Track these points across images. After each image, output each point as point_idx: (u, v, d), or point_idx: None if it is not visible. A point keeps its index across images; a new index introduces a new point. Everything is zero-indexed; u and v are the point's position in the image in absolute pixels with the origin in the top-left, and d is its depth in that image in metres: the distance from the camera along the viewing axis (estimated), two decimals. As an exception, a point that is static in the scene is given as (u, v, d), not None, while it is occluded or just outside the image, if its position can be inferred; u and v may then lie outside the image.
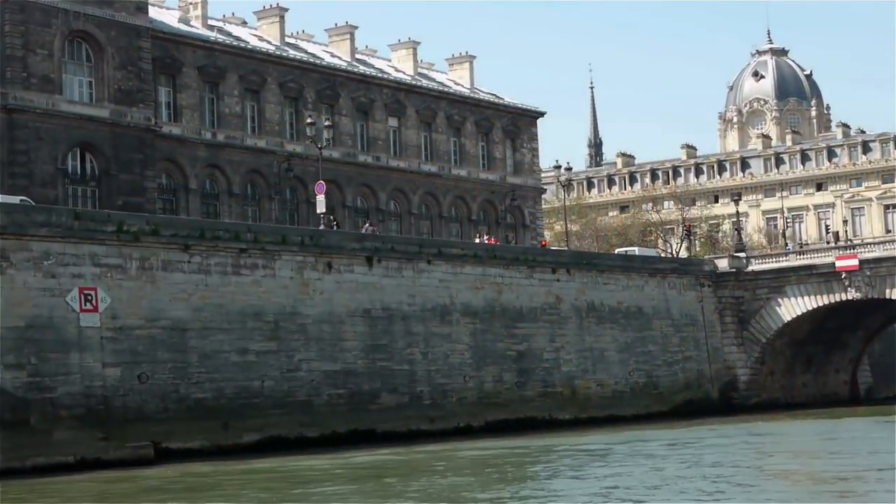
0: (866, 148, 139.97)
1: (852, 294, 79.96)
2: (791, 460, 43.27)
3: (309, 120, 67.47)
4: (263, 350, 53.87)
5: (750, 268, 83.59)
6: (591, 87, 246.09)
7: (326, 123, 68.30)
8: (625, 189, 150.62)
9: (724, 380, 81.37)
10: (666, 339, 77.97)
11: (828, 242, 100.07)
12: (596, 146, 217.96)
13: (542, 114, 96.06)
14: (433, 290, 62.87)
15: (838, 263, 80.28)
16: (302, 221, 77.12)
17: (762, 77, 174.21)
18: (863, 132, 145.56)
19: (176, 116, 72.19)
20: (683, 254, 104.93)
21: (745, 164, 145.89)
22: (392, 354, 59.96)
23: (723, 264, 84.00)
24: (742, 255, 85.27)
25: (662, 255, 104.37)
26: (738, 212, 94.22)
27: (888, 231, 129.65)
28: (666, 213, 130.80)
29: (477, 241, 73.95)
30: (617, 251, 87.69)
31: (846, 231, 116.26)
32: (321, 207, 62.46)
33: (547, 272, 70.29)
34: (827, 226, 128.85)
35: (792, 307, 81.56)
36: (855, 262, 79.89)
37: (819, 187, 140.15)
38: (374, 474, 41.47)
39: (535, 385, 67.85)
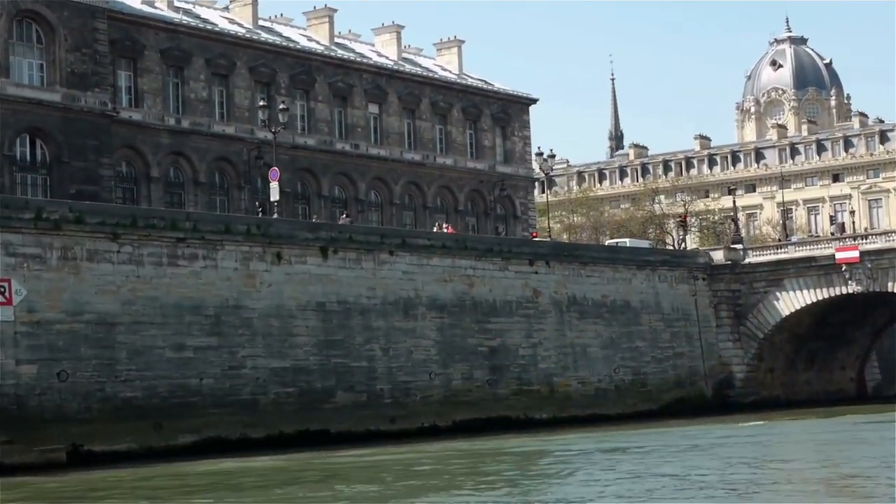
0: (884, 138, 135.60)
1: (853, 287, 76.22)
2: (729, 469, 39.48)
3: (261, 102, 64.27)
4: (202, 346, 50.65)
5: (747, 260, 79.92)
6: (612, 79, 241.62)
7: (282, 106, 64.89)
8: (636, 181, 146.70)
9: (718, 377, 77.71)
10: (655, 334, 74.40)
11: (832, 234, 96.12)
12: (617, 138, 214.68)
13: (534, 101, 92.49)
14: (396, 283, 59.51)
15: (838, 255, 76.51)
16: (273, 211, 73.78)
17: (780, 66, 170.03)
18: (881, 122, 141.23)
19: (137, 102, 69.09)
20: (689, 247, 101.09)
21: (759, 155, 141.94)
22: (349, 350, 56.64)
23: (718, 256, 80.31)
24: (739, 246, 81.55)
25: (668, 248, 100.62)
26: (734, 201, 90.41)
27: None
28: (673, 206, 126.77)
29: (435, 230, 70.34)
30: (607, 243, 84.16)
31: (853, 222, 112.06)
32: (275, 195, 59.18)
33: (524, 264, 66.80)
34: (832, 216, 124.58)
35: (790, 301, 77.90)
36: (856, 254, 76.10)
37: (835, 178, 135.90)
38: (287, 480, 38.12)
39: (509, 383, 64.42)
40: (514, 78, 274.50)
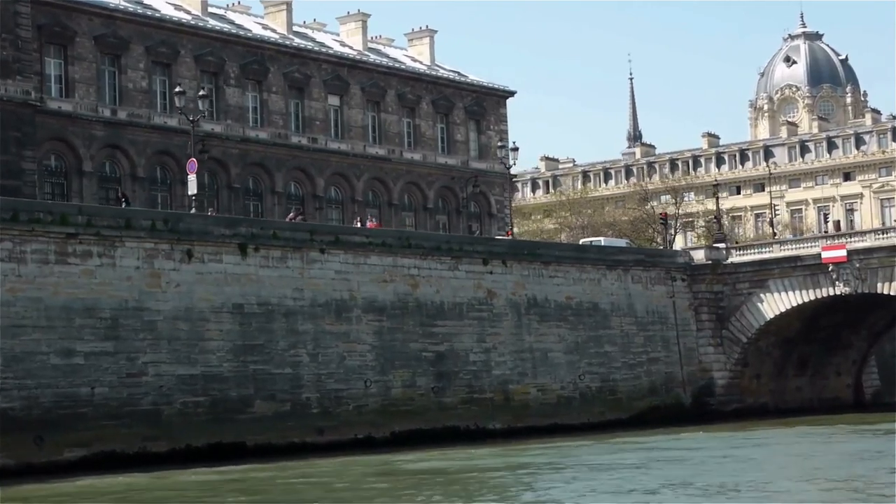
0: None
1: (840, 289, 71.46)
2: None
3: (178, 89, 59.99)
4: (95, 351, 46.37)
5: (730, 260, 75.18)
6: (631, 78, 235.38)
7: (202, 93, 60.58)
8: (643, 180, 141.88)
9: (698, 384, 73.02)
10: (627, 338, 69.73)
11: (825, 233, 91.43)
12: (635, 138, 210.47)
13: (511, 93, 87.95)
14: (327, 283, 55.08)
15: (825, 255, 71.80)
16: (222, 208, 69.82)
17: (794, 63, 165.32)
18: (895, 118, 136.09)
19: (67, 91, 64.97)
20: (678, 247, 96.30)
21: (768, 153, 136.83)
22: (270, 356, 52.25)
23: (699, 256, 75.63)
24: (721, 245, 76.78)
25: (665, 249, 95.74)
26: (717, 199, 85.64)
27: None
28: (680, 206, 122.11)
29: (358, 225, 65.73)
30: (581, 241, 79.57)
31: (851, 221, 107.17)
32: (192, 189, 54.92)
33: (477, 263, 62.24)
34: (825, 214, 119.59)
35: (775, 303, 73.21)
36: (843, 252, 71.35)
37: (846, 177, 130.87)
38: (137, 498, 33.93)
39: (457, 391, 59.90)
40: (512, 73, 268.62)
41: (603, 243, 75.85)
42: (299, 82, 75.24)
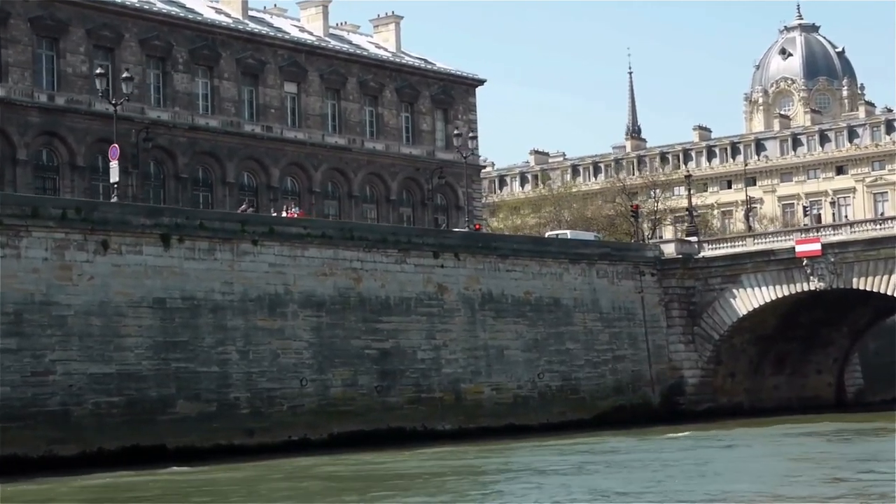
0: (890, 128, 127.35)
1: (815, 284, 68.49)
2: None
3: (99, 70, 57.14)
4: (-4, 349, 43.50)
5: (702, 254, 72.19)
6: (630, 73, 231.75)
7: (125, 75, 57.50)
8: (632, 174, 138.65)
9: (668, 383, 70.23)
10: (591, 335, 66.83)
11: (805, 226, 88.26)
12: (635, 132, 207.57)
13: (480, 82, 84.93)
14: (260, 277, 52.18)
15: (798, 248, 68.94)
16: (169, 199, 66.97)
17: (790, 55, 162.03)
18: (889, 111, 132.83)
19: (1, 76, 62.03)
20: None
21: (760, 147, 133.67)
22: (195, 354, 49.34)
23: (669, 250, 72.69)
24: (693, 239, 73.81)
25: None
26: (689, 191, 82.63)
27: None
28: (668, 201, 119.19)
29: (285, 214, 62.62)
30: (547, 234, 76.57)
31: (833, 215, 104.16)
32: (114, 176, 52.00)
33: (427, 256, 59.31)
34: (805, 208, 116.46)
35: (748, 299, 70.31)
36: (817, 246, 68.42)
37: (839, 171, 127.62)
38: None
39: (404, 390, 57.00)
40: (514, 70, 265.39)
41: (569, 236, 72.86)
42: (253, 68, 72.32)
